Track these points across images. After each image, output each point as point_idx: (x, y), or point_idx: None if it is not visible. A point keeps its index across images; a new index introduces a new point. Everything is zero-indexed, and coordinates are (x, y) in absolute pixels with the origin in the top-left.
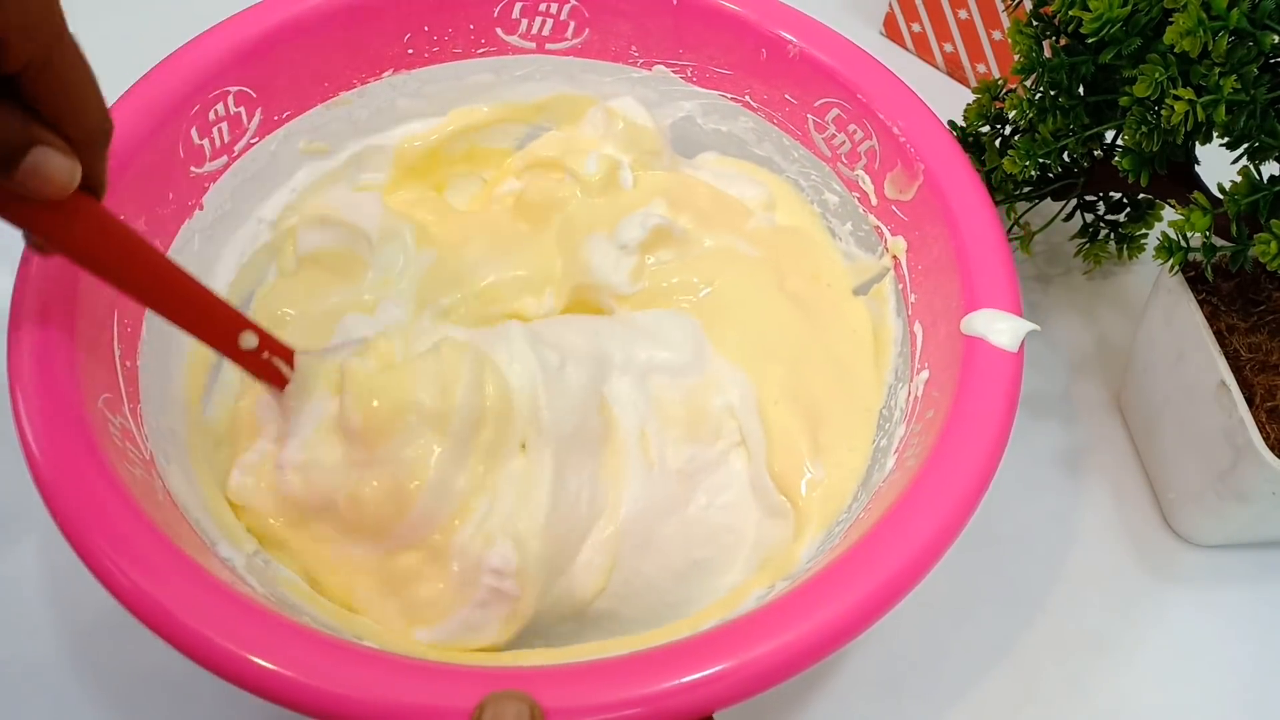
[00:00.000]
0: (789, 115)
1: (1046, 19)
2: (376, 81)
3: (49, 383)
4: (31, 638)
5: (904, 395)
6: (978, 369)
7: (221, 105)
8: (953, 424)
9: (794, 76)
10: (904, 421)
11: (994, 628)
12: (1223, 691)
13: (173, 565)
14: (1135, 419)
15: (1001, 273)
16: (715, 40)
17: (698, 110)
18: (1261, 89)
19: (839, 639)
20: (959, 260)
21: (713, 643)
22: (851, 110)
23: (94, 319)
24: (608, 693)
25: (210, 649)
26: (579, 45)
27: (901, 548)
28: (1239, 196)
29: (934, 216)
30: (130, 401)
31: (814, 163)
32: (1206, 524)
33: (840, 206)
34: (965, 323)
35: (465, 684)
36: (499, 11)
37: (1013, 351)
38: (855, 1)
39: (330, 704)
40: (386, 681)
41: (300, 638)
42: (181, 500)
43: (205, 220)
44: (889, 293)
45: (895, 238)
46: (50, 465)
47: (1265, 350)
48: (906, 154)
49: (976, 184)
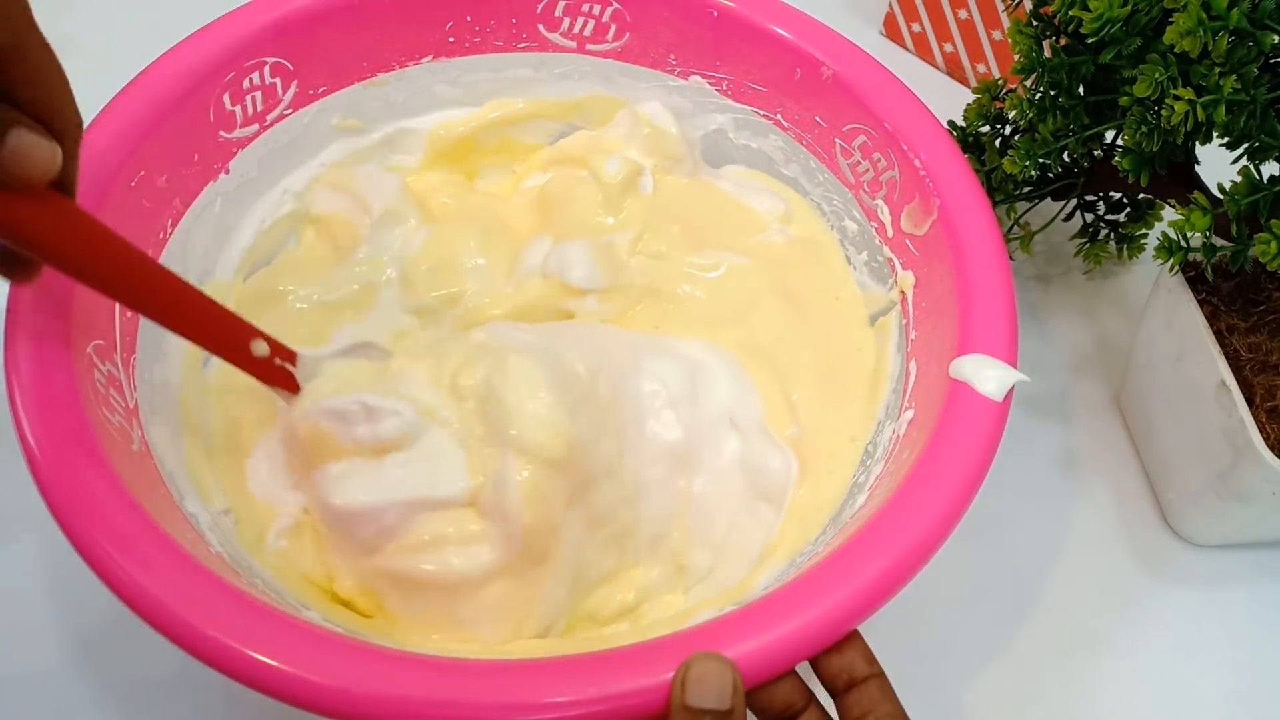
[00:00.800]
0: (818, 138)
1: (1046, 19)
2: (416, 66)
3: (39, 327)
4: (31, 639)
5: (889, 433)
6: (957, 414)
7: (257, 75)
8: (920, 469)
9: (826, 99)
10: (884, 459)
11: (993, 627)
12: (1222, 691)
13: (134, 525)
14: (1135, 419)
15: (1001, 319)
16: (752, 56)
17: (730, 124)
18: (1261, 89)
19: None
20: (960, 300)
21: (640, 655)
22: (878, 138)
23: None
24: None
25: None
26: (619, 49)
27: (833, 593)
28: (1239, 196)
29: (943, 254)
30: (124, 351)
31: (838, 188)
32: (1206, 524)
33: (859, 235)
34: (954, 365)
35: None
36: (542, 8)
37: (997, 400)
38: (855, 1)
39: (320, 696)
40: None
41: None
42: (159, 453)
43: (229, 184)
44: (893, 327)
45: (905, 272)
46: (28, 400)
47: (1265, 350)
48: (925, 188)
49: (990, 225)
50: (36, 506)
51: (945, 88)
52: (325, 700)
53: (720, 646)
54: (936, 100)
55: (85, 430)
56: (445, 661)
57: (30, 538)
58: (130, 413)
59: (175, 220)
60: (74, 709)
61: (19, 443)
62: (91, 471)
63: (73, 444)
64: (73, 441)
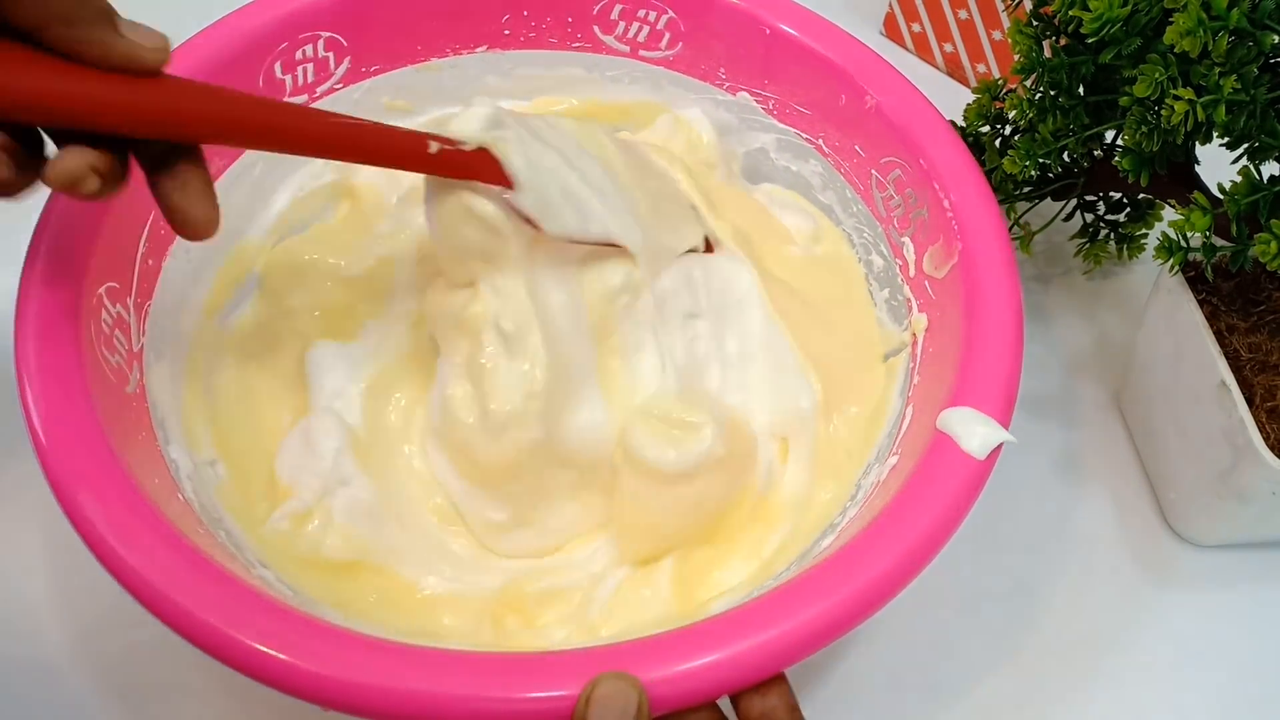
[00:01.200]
0: (855, 167)
1: (1046, 19)
2: (470, 55)
3: (55, 267)
4: (34, 633)
5: (873, 477)
6: (934, 468)
7: (310, 47)
8: (881, 521)
9: (867, 128)
10: (861, 503)
11: (994, 627)
12: (1223, 692)
13: (96, 458)
14: (1135, 419)
15: (1001, 374)
16: (800, 77)
17: (772, 144)
18: (1261, 89)
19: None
20: (963, 350)
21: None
22: (912, 174)
23: (125, 217)
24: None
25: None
26: (670, 57)
27: (762, 632)
28: (1239, 196)
29: (956, 299)
30: (139, 296)
31: (869, 221)
32: (1206, 524)
33: (884, 271)
34: (942, 417)
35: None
36: (599, 10)
37: (978, 459)
38: (855, 1)
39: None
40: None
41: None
42: (154, 396)
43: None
44: (900, 369)
45: (920, 314)
46: (25, 333)
47: (1265, 350)
48: (950, 230)
49: (1009, 276)
50: (37, 506)
51: (945, 88)
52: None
53: (636, 669)
54: (936, 100)
55: (73, 364)
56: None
57: (35, 536)
58: (133, 355)
59: (214, 178)
60: (77, 706)
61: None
62: (68, 403)
63: (58, 377)
64: (58, 375)
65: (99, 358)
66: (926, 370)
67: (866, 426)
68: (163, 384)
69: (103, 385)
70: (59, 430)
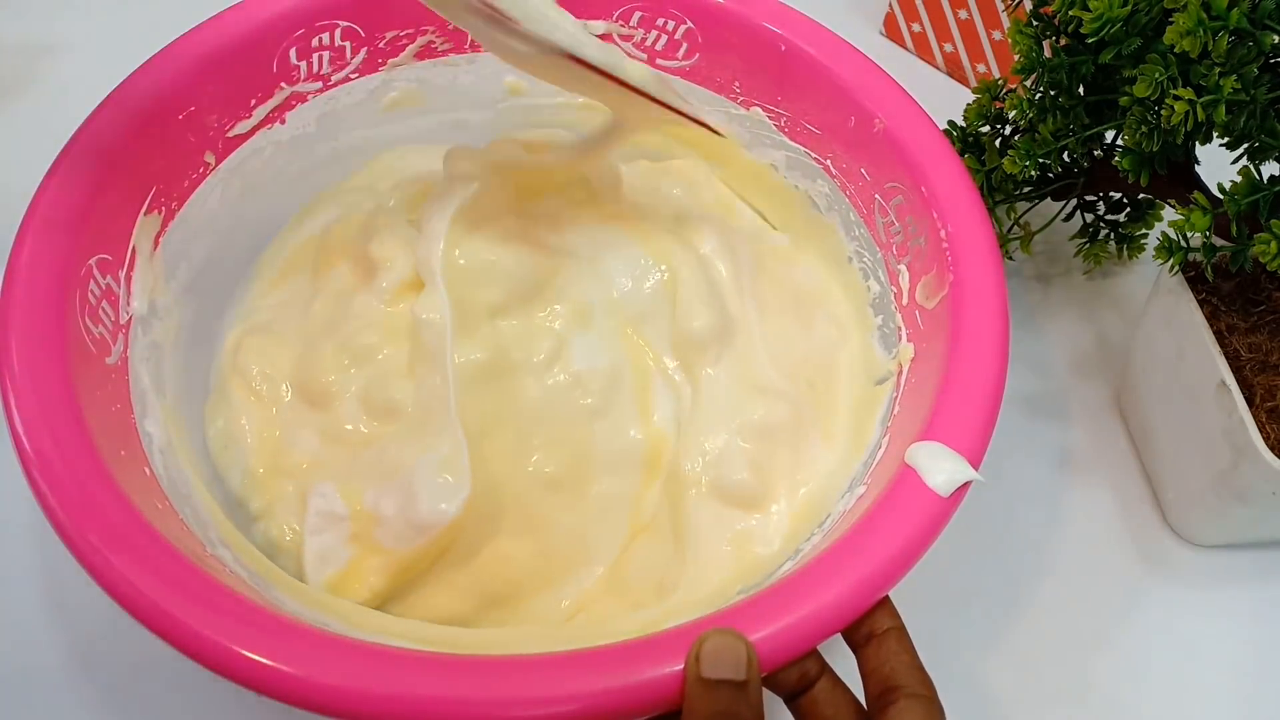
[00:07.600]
0: (860, 190)
1: (1046, 19)
2: (487, 52)
3: (48, 235)
4: (29, 638)
5: (840, 506)
6: (895, 503)
7: (327, 35)
8: (830, 553)
9: (873, 152)
10: (825, 531)
11: (993, 627)
12: (1222, 691)
13: (61, 424)
14: (1135, 419)
15: (975, 411)
16: (813, 96)
17: (782, 162)
18: (1261, 89)
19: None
20: (940, 383)
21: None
22: (913, 201)
23: (126, 184)
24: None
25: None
26: (687, 67)
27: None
28: (1239, 196)
29: (943, 331)
30: (129, 270)
31: (870, 246)
32: (1206, 524)
33: (879, 297)
34: (910, 450)
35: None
36: (618, 16)
37: (942, 496)
38: (855, 1)
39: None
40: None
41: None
42: (136, 369)
43: (283, 135)
44: (884, 398)
45: (907, 344)
46: (8, 299)
47: (1265, 350)
48: (944, 260)
49: (998, 311)
50: (33, 507)
51: (945, 88)
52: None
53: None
54: (936, 100)
55: (53, 330)
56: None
57: (27, 536)
58: (120, 327)
59: (220, 159)
60: (71, 709)
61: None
62: (43, 368)
63: (34, 342)
64: (34, 340)
65: (81, 327)
66: (907, 401)
67: (842, 458)
68: (147, 352)
69: (82, 354)
70: (29, 393)
